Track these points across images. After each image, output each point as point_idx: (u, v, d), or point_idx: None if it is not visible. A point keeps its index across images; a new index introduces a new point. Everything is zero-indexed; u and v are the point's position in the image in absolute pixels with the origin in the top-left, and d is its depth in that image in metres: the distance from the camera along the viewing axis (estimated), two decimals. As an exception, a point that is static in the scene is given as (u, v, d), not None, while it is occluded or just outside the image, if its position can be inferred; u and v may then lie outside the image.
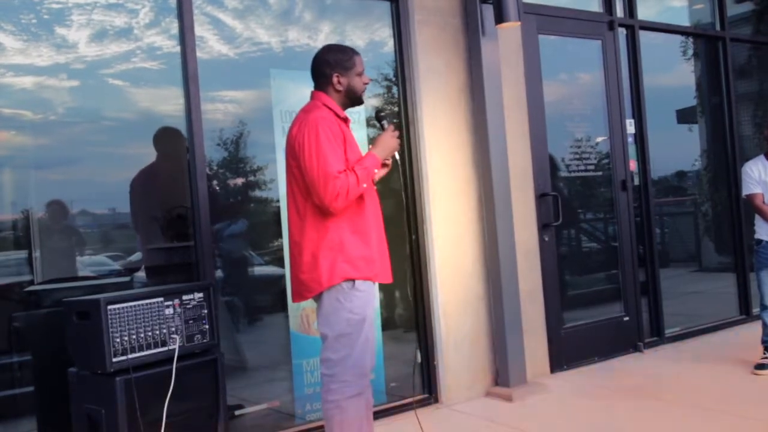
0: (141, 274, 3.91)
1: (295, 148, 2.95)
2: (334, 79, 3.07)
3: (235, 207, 4.37)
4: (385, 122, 3.17)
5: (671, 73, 6.72)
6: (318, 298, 3.00)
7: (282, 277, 4.13)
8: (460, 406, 4.45)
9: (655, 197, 6.00)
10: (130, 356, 2.98)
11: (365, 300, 2.97)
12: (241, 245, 4.34)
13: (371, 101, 4.49)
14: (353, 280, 2.93)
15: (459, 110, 4.70)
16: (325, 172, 2.85)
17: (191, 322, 3.23)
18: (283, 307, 4.14)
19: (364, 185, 2.93)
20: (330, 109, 3.05)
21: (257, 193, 4.36)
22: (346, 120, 3.12)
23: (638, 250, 5.71)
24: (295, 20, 4.39)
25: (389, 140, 3.08)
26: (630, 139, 5.76)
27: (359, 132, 4.12)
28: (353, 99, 3.13)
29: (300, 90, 4.19)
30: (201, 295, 3.29)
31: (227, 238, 4.27)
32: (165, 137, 3.91)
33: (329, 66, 3.08)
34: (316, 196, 2.89)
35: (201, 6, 4.00)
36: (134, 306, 3.05)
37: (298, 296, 3.07)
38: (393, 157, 3.14)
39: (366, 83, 3.15)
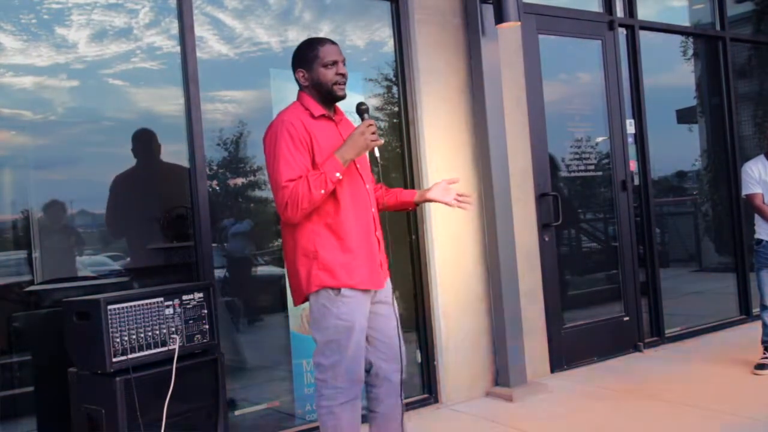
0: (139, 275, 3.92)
1: None
2: (298, 75, 2.94)
3: (235, 207, 4.37)
4: (366, 116, 2.91)
5: (671, 73, 6.72)
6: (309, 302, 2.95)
7: (282, 277, 4.12)
8: (460, 406, 4.45)
9: (655, 197, 6.00)
10: (130, 356, 2.98)
11: (353, 306, 2.84)
12: (244, 245, 4.34)
13: (371, 101, 4.49)
14: (337, 288, 2.83)
15: (459, 110, 4.70)
16: (275, 181, 2.78)
17: (191, 322, 3.23)
18: (283, 308, 4.14)
19: (322, 191, 2.73)
20: (306, 108, 2.90)
21: (257, 193, 4.36)
22: (328, 117, 2.94)
23: (638, 250, 5.71)
24: (294, 20, 4.39)
25: (357, 138, 2.80)
26: (630, 139, 5.76)
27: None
28: (325, 93, 2.90)
29: (300, 90, 4.21)
30: (201, 295, 3.29)
31: (231, 237, 4.27)
32: (144, 138, 3.89)
33: (295, 62, 2.96)
34: (276, 204, 2.85)
35: (201, 6, 4.00)
36: (134, 306, 3.05)
37: (294, 300, 3.03)
38: (372, 152, 2.90)
39: (339, 74, 2.89)
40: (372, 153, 2.91)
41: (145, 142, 3.88)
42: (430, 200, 3.23)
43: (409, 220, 4.54)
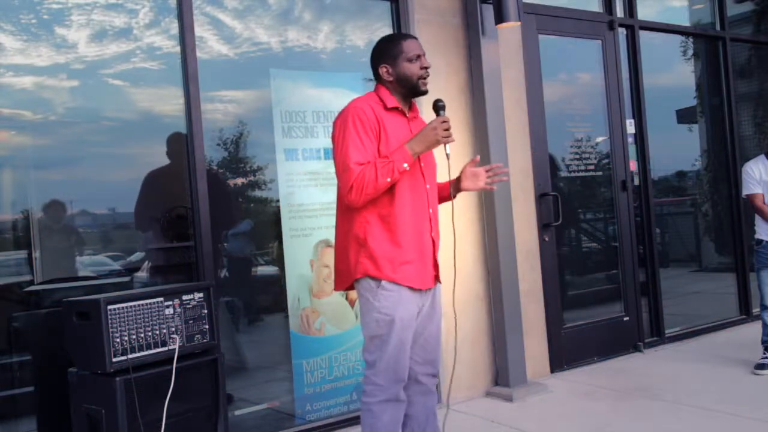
0: (141, 274, 3.91)
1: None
2: (382, 71, 2.93)
3: (235, 207, 4.37)
4: (441, 113, 2.91)
5: (671, 73, 6.72)
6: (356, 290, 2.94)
7: (282, 277, 4.13)
8: (460, 406, 4.45)
9: (655, 197, 6.00)
10: (130, 356, 2.98)
11: (395, 300, 2.81)
12: (244, 245, 4.34)
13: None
14: (378, 279, 2.81)
15: (459, 110, 4.70)
16: (343, 163, 2.77)
17: (191, 322, 3.23)
18: (283, 308, 4.14)
19: (388, 179, 2.73)
20: (380, 99, 2.91)
21: (257, 193, 4.36)
22: (401, 111, 2.95)
23: (638, 250, 5.71)
24: (294, 20, 4.39)
25: (429, 133, 2.81)
26: (630, 139, 5.76)
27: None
28: (409, 88, 2.93)
29: (300, 90, 4.21)
30: (201, 295, 3.29)
31: (231, 237, 4.27)
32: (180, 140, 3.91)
33: (377, 58, 2.96)
34: (338, 186, 2.85)
35: (201, 6, 4.00)
36: (134, 306, 3.04)
37: (336, 285, 3.01)
38: (444, 149, 2.92)
39: (424, 67, 2.92)
40: (445, 150, 2.94)
41: (181, 144, 3.90)
42: (465, 190, 3.16)
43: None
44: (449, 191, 3.15)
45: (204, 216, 3.77)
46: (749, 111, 7.11)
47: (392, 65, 2.92)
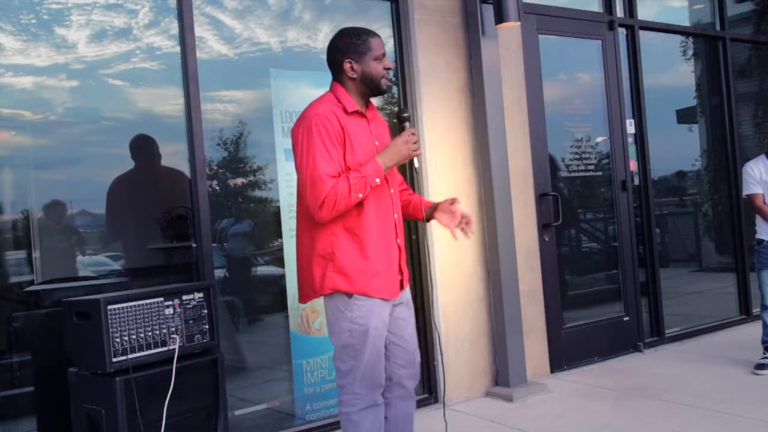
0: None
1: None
2: (346, 66, 2.79)
3: (235, 207, 4.37)
4: (407, 124, 2.84)
5: (671, 73, 6.72)
6: (324, 304, 2.88)
7: (282, 277, 4.13)
8: (460, 406, 4.45)
9: (655, 197, 6.00)
10: (130, 356, 2.98)
11: (367, 311, 2.74)
12: (244, 245, 4.34)
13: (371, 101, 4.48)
14: (350, 293, 2.73)
15: (459, 110, 4.70)
16: (312, 175, 2.63)
17: (191, 322, 3.23)
18: (283, 308, 4.14)
19: (360, 195, 2.64)
20: (339, 101, 2.78)
21: (257, 193, 4.36)
22: (361, 113, 2.84)
23: (638, 250, 5.71)
24: (294, 20, 4.40)
25: (401, 146, 2.73)
26: (630, 139, 5.76)
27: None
28: (372, 87, 2.82)
29: (300, 90, 4.22)
30: (201, 295, 3.29)
31: (230, 237, 4.27)
32: (142, 144, 3.89)
33: (341, 52, 2.80)
34: (303, 199, 2.71)
35: (201, 6, 4.00)
36: (134, 306, 3.04)
37: (300, 297, 2.93)
38: (411, 162, 2.85)
39: (387, 68, 2.82)
40: (411, 162, 2.88)
41: (142, 147, 3.88)
42: (436, 221, 3.08)
43: (410, 221, 4.53)
44: (423, 213, 3.07)
45: (204, 216, 3.77)
46: (749, 111, 7.11)
47: (358, 62, 2.79)
